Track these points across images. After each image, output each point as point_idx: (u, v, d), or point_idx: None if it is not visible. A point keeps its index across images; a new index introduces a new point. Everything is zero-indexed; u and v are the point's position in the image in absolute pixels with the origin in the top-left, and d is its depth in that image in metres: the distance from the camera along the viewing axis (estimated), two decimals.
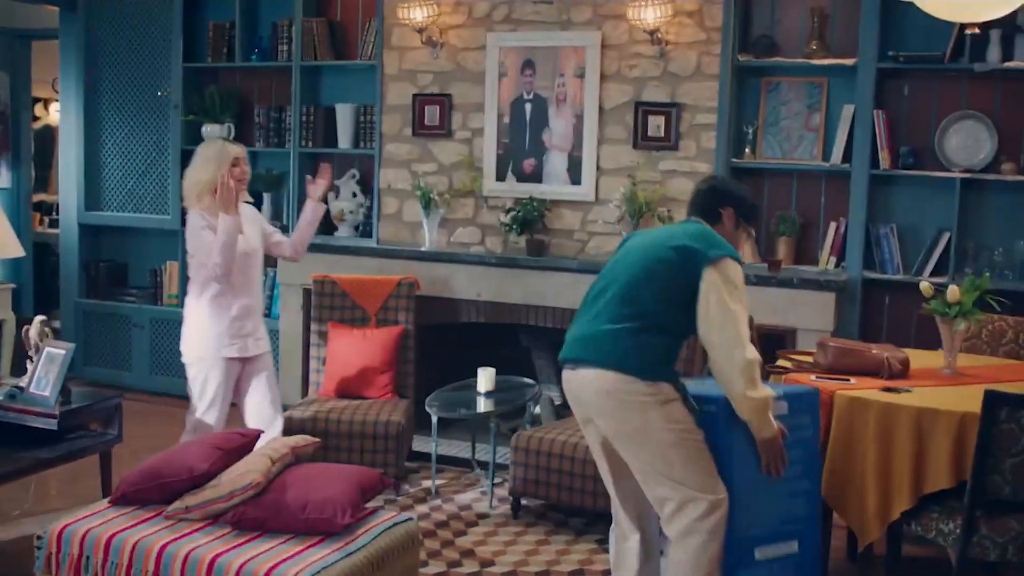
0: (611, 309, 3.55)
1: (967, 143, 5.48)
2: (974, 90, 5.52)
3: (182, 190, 4.90)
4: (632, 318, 3.51)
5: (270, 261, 6.96)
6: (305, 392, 6.34)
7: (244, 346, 4.81)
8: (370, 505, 4.04)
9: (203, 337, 4.77)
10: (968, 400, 3.70)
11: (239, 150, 4.78)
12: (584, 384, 3.59)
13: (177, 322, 7.17)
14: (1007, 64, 5.30)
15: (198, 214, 4.70)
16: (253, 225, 4.93)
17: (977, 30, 4.15)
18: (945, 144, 5.51)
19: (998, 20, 4.33)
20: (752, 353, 3.42)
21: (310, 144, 6.88)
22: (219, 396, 4.78)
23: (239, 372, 4.87)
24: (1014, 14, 4.86)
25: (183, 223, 7.21)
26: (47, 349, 4.82)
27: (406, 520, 3.95)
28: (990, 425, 3.55)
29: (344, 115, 6.79)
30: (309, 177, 5.38)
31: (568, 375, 3.67)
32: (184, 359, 4.86)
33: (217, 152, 4.71)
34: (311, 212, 5.16)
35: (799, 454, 3.67)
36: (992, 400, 3.54)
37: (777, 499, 3.62)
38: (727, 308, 3.41)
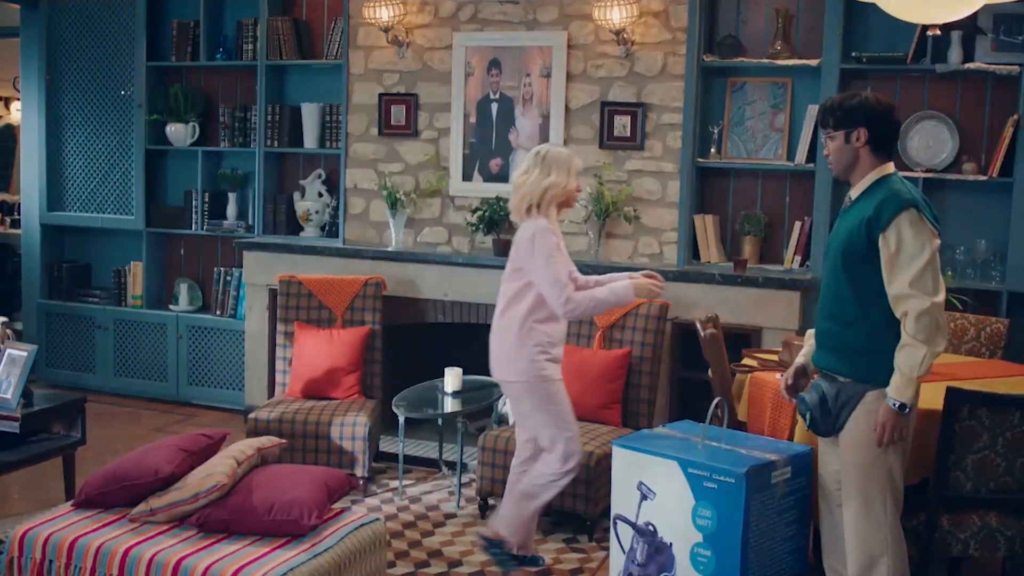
0: None
1: (929, 143, 5.54)
2: (935, 91, 5.58)
3: (520, 194, 4.31)
4: None
5: (236, 259, 6.96)
6: (271, 393, 6.30)
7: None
8: (337, 506, 4.03)
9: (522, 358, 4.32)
10: (930, 397, 3.73)
11: (580, 163, 4.45)
12: None
13: (140, 323, 7.21)
14: (968, 65, 5.36)
15: (547, 228, 4.23)
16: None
17: (938, 32, 4.18)
18: (907, 144, 5.56)
19: (959, 22, 4.37)
20: None
21: (275, 144, 6.85)
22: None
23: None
24: (975, 16, 4.93)
25: (147, 223, 7.25)
26: (9, 351, 4.77)
27: (373, 521, 3.95)
28: (952, 422, 3.59)
29: (310, 115, 6.77)
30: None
31: None
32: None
33: (568, 160, 4.31)
34: (622, 286, 4.31)
35: (797, 514, 3.73)
36: (954, 397, 3.58)
37: (779, 558, 3.68)
38: None
